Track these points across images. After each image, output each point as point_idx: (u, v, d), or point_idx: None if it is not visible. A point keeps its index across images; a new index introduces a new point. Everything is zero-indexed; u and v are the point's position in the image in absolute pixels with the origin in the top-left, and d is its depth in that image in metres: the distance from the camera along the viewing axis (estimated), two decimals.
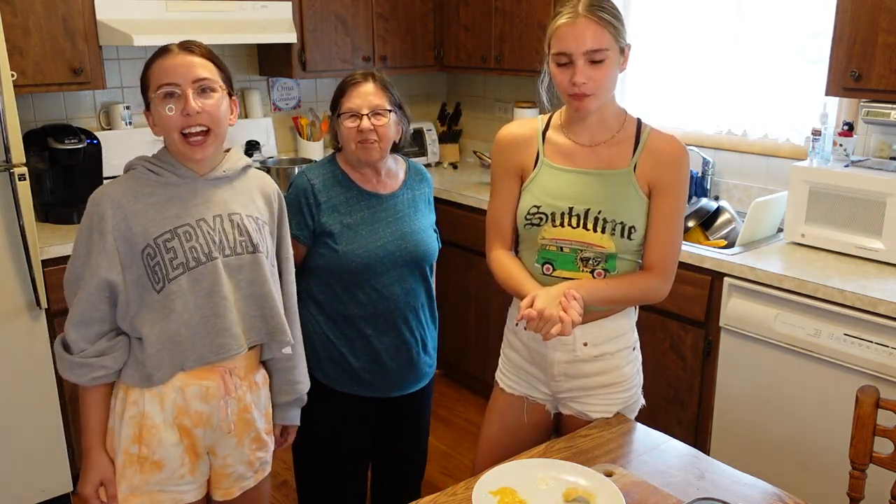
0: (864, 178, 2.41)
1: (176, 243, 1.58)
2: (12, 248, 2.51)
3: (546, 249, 1.77)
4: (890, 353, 2.15)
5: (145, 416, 1.61)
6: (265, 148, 3.67)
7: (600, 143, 1.75)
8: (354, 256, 1.99)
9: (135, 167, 1.64)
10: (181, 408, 1.63)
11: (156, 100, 1.58)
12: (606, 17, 1.61)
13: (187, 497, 1.67)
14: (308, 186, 2.02)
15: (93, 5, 2.84)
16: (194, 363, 1.62)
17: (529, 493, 1.47)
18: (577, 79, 1.63)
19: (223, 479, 1.74)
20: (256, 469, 1.79)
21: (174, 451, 1.63)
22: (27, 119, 3.05)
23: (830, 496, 2.18)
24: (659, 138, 1.74)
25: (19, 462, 2.66)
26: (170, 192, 1.62)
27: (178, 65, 1.57)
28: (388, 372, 2.10)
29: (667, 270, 1.76)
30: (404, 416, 2.24)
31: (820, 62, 2.68)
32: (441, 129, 4.25)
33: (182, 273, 1.58)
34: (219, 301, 1.61)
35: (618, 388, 1.82)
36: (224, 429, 1.67)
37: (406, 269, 2.06)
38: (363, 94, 2.00)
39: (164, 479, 1.64)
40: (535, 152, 1.80)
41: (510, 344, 1.92)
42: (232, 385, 1.66)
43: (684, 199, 1.75)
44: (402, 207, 2.09)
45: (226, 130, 1.64)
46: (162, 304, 1.58)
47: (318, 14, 3.48)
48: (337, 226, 2.00)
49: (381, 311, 2.04)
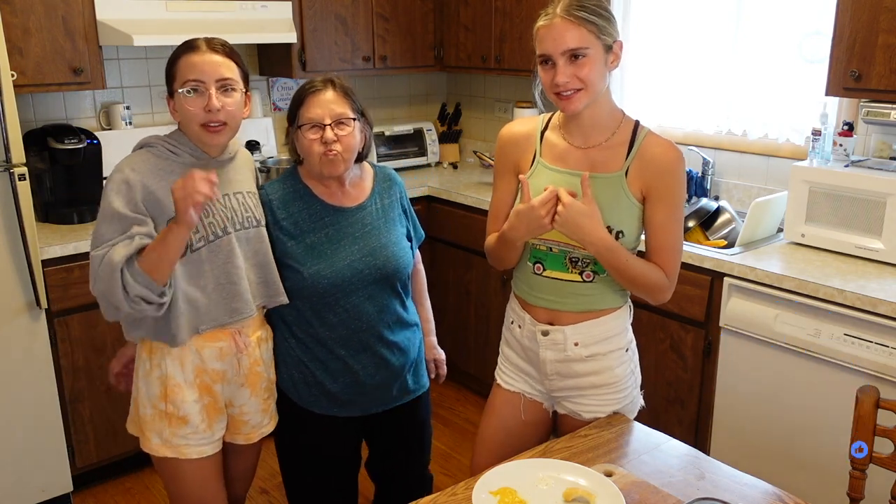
0: (864, 178, 2.40)
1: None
2: (12, 248, 2.51)
3: (537, 249, 1.79)
4: (890, 353, 2.15)
5: (168, 377, 1.79)
6: (265, 148, 3.67)
7: (594, 145, 1.75)
8: (321, 278, 1.87)
9: (153, 145, 1.76)
10: (199, 367, 1.81)
11: (181, 91, 1.71)
12: (583, 16, 1.61)
13: (207, 451, 1.85)
14: (266, 202, 1.92)
15: (93, 5, 2.84)
16: (209, 325, 1.79)
17: (529, 493, 1.48)
18: (557, 79, 1.64)
19: (242, 425, 1.94)
20: (271, 415, 1.99)
21: (195, 407, 1.81)
22: (27, 119, 3.05)
23: (830, 496, 2.18)
24: (653, 143, 1.72)
25: (19, 462, 2.66)
26: (187, 171, 1.68)
27: (204, 62, 1.71)
28: (368, 391, 1.99)
29: (669, 276, 1.76)
30: (397, 430, 2.12)
31: (820, 62, 2.68)
32: (441, 129, 4.25)
33: (203, 245, 1.75)
34: (233, 270, 1.79)
35: (610, 390, 1.82)
36: (238, 381, 1.86)
37: (376, 287, 1.94)
38: (323, 103, 1.84)
39: (189, 433, 1.81)
40: (532, 151, 1.81)
41: (507, 341, 1.94)
42: (242, 344, 1.84)
43: (680, 205, 1.74)
44: (371, 220, 1.96)
45: (240, 122, 1.79)
46: (184, 269, 1.73)
47: (318, 14, 3.48)
48: (300, 247, 1.89)
49: (354, 332, 1.93)
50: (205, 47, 1.72)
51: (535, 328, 1.81)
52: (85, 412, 2.81)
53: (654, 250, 1.75)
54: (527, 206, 1.67)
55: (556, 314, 1.79)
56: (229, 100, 1.72)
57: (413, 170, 4.06)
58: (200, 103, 1.70)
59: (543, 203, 1.64)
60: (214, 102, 1.69)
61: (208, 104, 1.69)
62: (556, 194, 1.64)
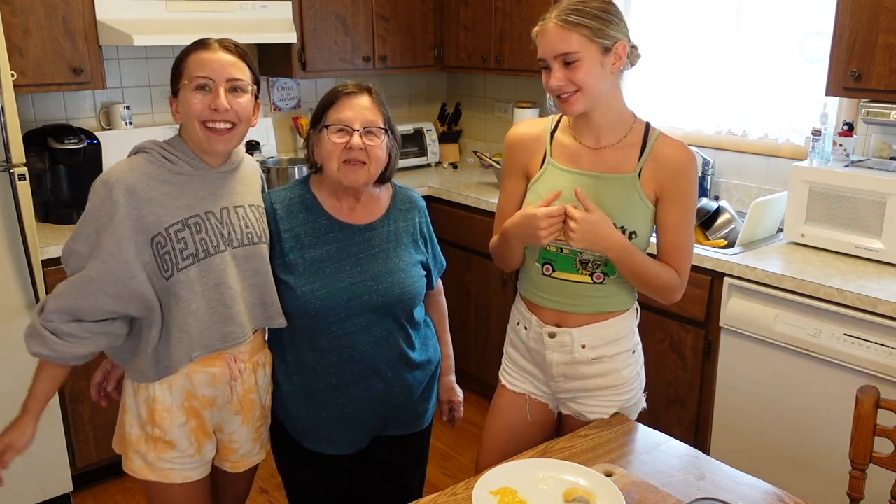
0: (864, 178, 2.40)
1: (187, 234, 1.62)
2: (12, 248, 2.51)
3: (547, 250, 1.78)
4: (890, 353, 2.14)
5: (156, 401, 1.68)
6: (265, 148, 3.67)
7: (606, 146, 1.75)
8: (314, 298, 1.72)
9: (148, 150, 1.65)
10: (189, 392, 1.69)
11: (188, 87, 1.61)
12: (576, 20, 1.62)
13: (194, 475, 1.74)
14: (269, 210, 1.80)
15: (93, 5, 2.84)
16: (201, 352, 1.66)
17: (529, 493, 1.47)
18: (551, 83, 1.66)
19: (230, 453, 1.82)
20: (263, 443, 1.88)
21: (183, 431, 1.70)
22: (27, 119, 3.05)
23: (830, 496, 2.18)
24: (666, 144, 1.73)
25: (19, 462, 2.63)
26: (182, 182, 1.64)
27: (215, 60, 1.61)
28: (356, 427, 1.83)
29: (681, 276, 1.76)
30: (389, 457, 1.94)
31: (820, 62, 2.68)
32: (441, 129, 4.25)
33: (192, 263, 1.62)
34: (226, 291, 1.66)
35: (616, 391, 1.82)
36: (231, 409, 1.75)
37: (374, 315, 1.76)
38: (357, 107, 1.71)
39: (175, 458, 1.70)
40: (542, 152, 1.80)
41: (512, 342, 1.93)
42: (237, 370, 1.72)
43: (693, 205, 1.75)
44: (379, 242, 1.80)
45: (248, 130, 1.69)
46: (170, 291, 1.61)
47: (318, 14, 3.48)
48: (298, 262, 1.75)
49: (345, 361, 1.77)
50: (217, 46, 1.63)
51: (541, 330, 1.81)
52: (85, 412, 2.80)
53: (667, 251, 1.75)
54: (529, 214, 1.67)
55: (564, 316, 1.79)
56: (240, 100, 1.63)
57: (413, 170, 4.06)
58: (207, 100, 1.59)
59: (548, 216, 1.64)
60: (223, 101, 1.59)
61: (215, 102, 1.59)
62: (564, 211, 1.64)
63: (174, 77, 1.65)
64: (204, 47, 1.63)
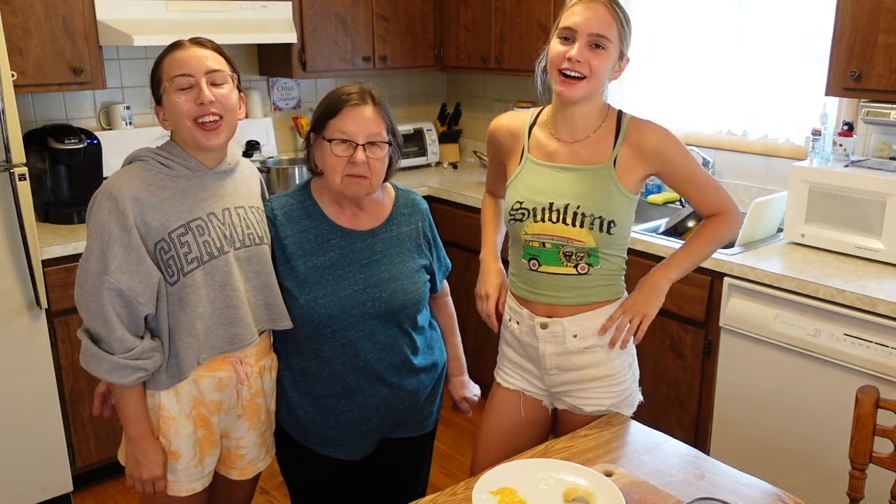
0: (864, 178, 2.40)
1: (190, 237, 1.61)
2: (12, 248, 2.51)
3: (530, 245, 1.79)
4: (890, 353, 2.14)
5: (162, 409, 1.67)
6: (265, 148, 3.67)
7: (581, 139, 1.77)
8: (317, 307, 1.71)
9: (143, 159, 1.64)
10: (197, 399, 1.69)
11: (169, 90, 1.61)
12: (619, 14, 1.68)
13: (196, 486, 1.73)
14: (270, 217, 1.78)
15: (93, 5, 2.84)
16: (209, 355, 1.66)
17: (529, 493, 1.47)
18: (573, 54, 1.65)
19: (237, 459, 1.81)
20: (268, 448, 1.87)
21: (189, 441, 1.69)
22: (27, 119, 3.05)
23: (830, 496, 2.17)
24: (637, 128, 1.75)
25: (19, 462, 2.66)
26: (181, 186, 1.64)
27: (190, 56, 1.61)
28: (364, 433, 1.83)
29: (727, 207, 1.82)
30: (393, 459, 1.95)
31: (820, 62, 2.68)
32: (441, 129, 4.25)
33: (196, 267, 1.62)
34: (231, 293, 1.66)
35: (609, 382, 1.83)
36: (236, 413, 1.74)
37: (378, 322, 1.76)
38: (360, 120, 1.68)
39: (179, 470, 1.70)
40: (521, 148, 1.84)
41: (505, 339, 1.95)
42: (244, 374, 1.71)
43: (691, 158, 1.79)
44: (382, 248, 1.79)
45: (237, 121, 1.68)
46: (177, 297, 1.62)
47: (318, 14, 3.48)
48: (300, 270, 1.74)
49: (350, 368, 1.76)
50: (189, 44, 1.64)
51: (533, 322, 1.82)
52: (85, 412, 2.80)
53: (700, 200, 1.82)
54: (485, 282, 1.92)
55: (554, 308, 1.81)
56: (222, 91, 1.62)
57: (413, 170, 4.06)
58: (192, 97, 1.59)
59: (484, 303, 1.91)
60: (206, 94, 1.58)
61: (199, 96, 1.58)
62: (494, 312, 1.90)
63: (154, 84, 1.65)
64: (178, 47, 1.64)
